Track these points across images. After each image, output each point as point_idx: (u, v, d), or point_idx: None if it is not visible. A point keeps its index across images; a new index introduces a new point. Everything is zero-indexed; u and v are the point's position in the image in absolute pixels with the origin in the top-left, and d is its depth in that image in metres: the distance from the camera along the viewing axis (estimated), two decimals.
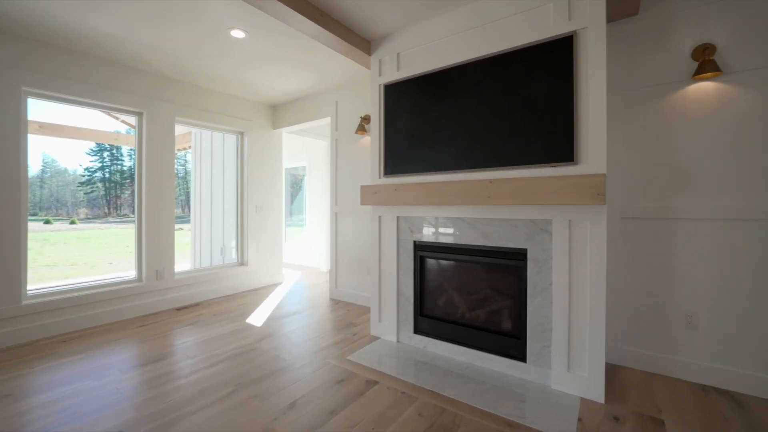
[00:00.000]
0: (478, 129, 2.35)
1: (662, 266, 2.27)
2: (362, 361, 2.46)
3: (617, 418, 1.79)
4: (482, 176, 2.35)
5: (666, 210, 2.25)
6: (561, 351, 2.06)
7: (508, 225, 2.26)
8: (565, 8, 2.06)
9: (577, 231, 2.03)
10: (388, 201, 2.69)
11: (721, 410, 1.85)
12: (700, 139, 2.17)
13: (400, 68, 2.80)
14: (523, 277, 2.22)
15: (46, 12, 2.49)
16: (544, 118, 2.10)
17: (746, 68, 2.05)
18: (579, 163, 2.02)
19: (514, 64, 2.22)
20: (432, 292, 2.69)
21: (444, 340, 2.55)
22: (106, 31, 2.76)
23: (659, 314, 2.27)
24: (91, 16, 2.55)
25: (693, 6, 2.19)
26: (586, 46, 2.01)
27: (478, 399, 1.98)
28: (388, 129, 2.82)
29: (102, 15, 2.53)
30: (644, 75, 2.34)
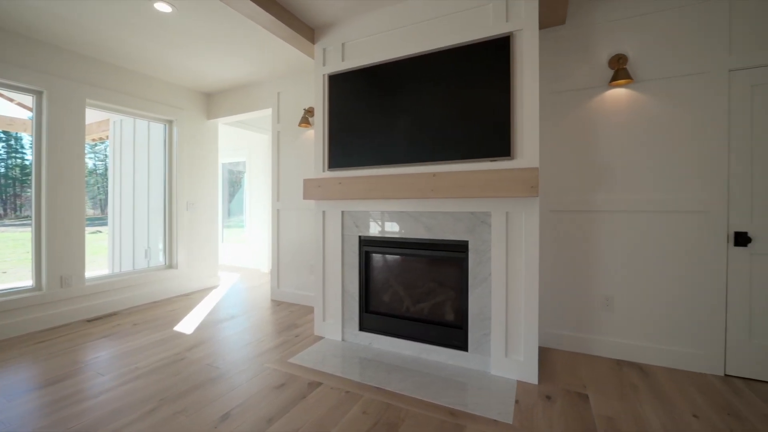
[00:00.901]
0: (422, 123, 2.36)
1: (585, 254, 2.48)
2: (305, 362, 2.34)
3: (549, 397, 1.90)
4: (426, 170, 2.37)
5: (588, 203, 2.47)
6: (499, 338, 2.15)
7: (451, 218, 2.31)
8: (503, 10, 2.15)
9: (513, 222, 2.13)
10: (332, 195, 2.60)
11: (632, 380, 2.07)
12: (615, 140, 2.41)
13: (345, 59, 2.72)
14: (464, 268, 2.28)
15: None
16: (484, 114, 2.17)
17: (651, 78, 2.32)
18: (515, 157, 2.12)
19: (457, 61, 2.26)
20: (378, 287, 2.65)
21: (390, 336, 2.53)
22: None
23: (582, 299, 2.49)
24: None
25: (609, 20, 2.43)
26: (521, 47, 2.11)
27: (422, 391, 1.98)
28: (333, 121, 2.72)
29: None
30: (569, 79, 2.54)
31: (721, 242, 2.13)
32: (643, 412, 1.75)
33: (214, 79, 3.94)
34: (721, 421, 1.68)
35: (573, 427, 1.65)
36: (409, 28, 2.46)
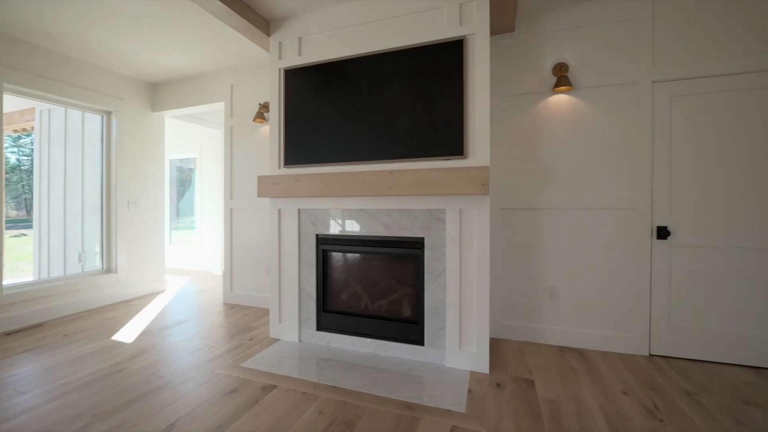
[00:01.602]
0: (380, 122, 2.37)
1: (531, 249, 2.64)
2: (259, 366, 2.26)
3: (499, 385, 2.00)
4: (383, 168, 2.39)
5: (534, 201, 2.63)
6: (453, 331, 2.22)
7: (408, 215, 2.34)
8: (456, 14, 2.23)
9: (466, 219, 2.21)
10: (288, 192, 2.53)
11: (573, 365, 2.23)
12: (558, 142, 2.59)
13: (302, 53, 2.66)
14: (421, 264, 2.32)
15: None
16: (439, 114, 2.23)
17: (588, 86, 2.52)
18: (468, 156, 2.20)
19: (413, 61, 2.30)
20: (336, 286, 2.62)
21: (348, 334, 2.51)
22: None
23: (530, 290, 2.64)
24: None
25: (553, 30, 2.60)
26: (473, 51, 2.20)
27: (379, 387, 1.99)
28: (289, 116, 2.65)
29: None
30: (518, 84, 2.69)
31: (646, 236, 2.37)
32: (582, 393, 1.90)
33: (160, 69, 3.67)
34: (646, 396, 1.87)
35: (520, 411, 1.75)
36: (366, 25, 2.47)
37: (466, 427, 1.63)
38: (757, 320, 2.20)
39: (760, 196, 2.19)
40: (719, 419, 1.67)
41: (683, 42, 2.34)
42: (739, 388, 1.94)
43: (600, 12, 2.49)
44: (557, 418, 1.69)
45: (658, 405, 1.79)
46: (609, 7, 2.47)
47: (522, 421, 1.67)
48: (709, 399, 1.84)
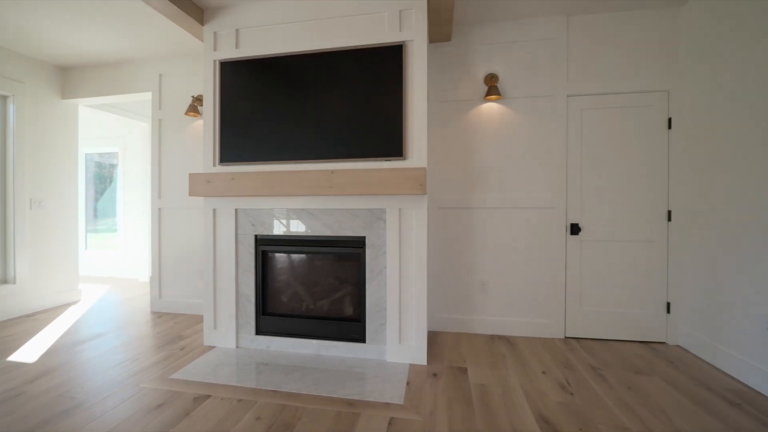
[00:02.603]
0: (321, 120, 2.36)
1: (466, 246, 2.82)
2: (191, 376, 2.11)
3: (436, 375, 2.11)
4: (324, 167, 2.38)
5: (468, 201, 2.81)
6: (394, 327, 2.29)
7: (349, 215, 2.37)
8: (396, 20, 2.30)
9: (405, 218, 2.30)
10: (224, 191, 2.41)
11: (501, 351, 2.44)
12: (489, 147, 2.80)
13: (240, 46, 2.55)
14: (362, 263, 2.36)
15: None
16: (380, 116, 2.29)
17: (515, 96, 2.76)
18: (407, 158, 2.29)
19: (356, 62, 2.33)
20: (276, 288, 2.55)
21: (289, 336, 2.46)
22: None
23: (464, 284, 2.82)
24: None
25: (485, 42, 2.81)
26: (413, 57, 2.29)
27: (320, 387, 1.98)
28: (226, 111, 2.52)
29: None
30: (454, 91, 2.86)
31: (561, 232, 2.67)
32: (508, 376, 2.09)
33: (73, 51, 3.25)
34: (561, 373, 2.11)
35: (453, 397, 1.87)
36: (309, 23, 2.44)
37: (403, 417, 1.70)
38: (646, 302, 2.59)
39: (649, 197, 2.59)
40: (616, 388, 1.94)
41: (591, 62, 2.67)
42: (632, 361, 2.27)
43: (524, 30, 2.75)
44: (486, 400, 1.84)
45: (570, 380, 2.03)
46: (531, 26, 2.73)
47: (454, 407, 1.78)
48: (610, 372, 2.13)
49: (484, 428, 1.62)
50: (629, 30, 2.63)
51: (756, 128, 1.97)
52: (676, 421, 1.66)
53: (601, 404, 1.79)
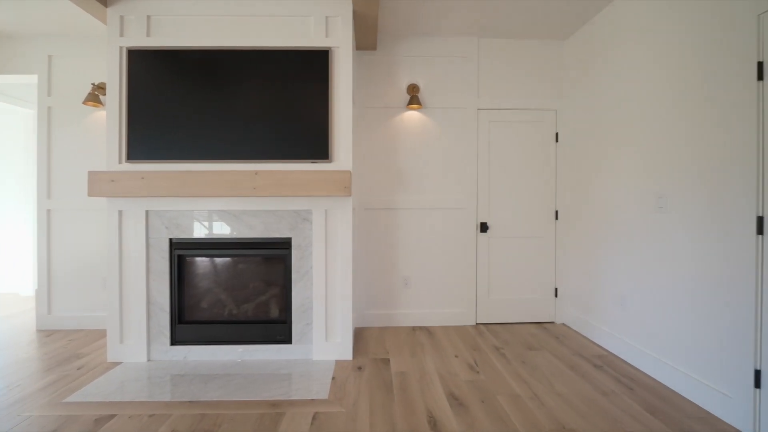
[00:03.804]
0: (245, 120, 2.31)
1: (390, 244, 2.99)
2: (91, 397, 1.91)
3: (360, 368, 2.22)
4: (248, 168, 2.34)
5: (392, 202, 2.99)
6: (320, 326, 2.34)
7: (274, 216, 2.35)
8: (323, 25, 2.36)
9: (331, 220, 2.36)
10: (132, 192, 2.21)
11: (421, 340, 2.65)
12: (411, 152, 3.01)
13: (151, 34, 2.35)
14: (288, 264, 2.37)
15: None
16: (306, 119, 2.32)
17: (434, 106, 3.01)
18: (332, 160, 2.36)
19: (283, 63, 2.32)
20: (194, 294, 2.42)
21: (209, 344, 2.36)
22: None
23: (388, 281, 2.99)
24: None
25: (408, 54, 3.01)
26: (339, 63, 2.37)
27: (243, 392, 1.95)
28: (135, 104, 2.31)
29: None
30: (380, 98, 3.01)
31: (473, 230, 3.00)
32: (425, 362, 2.29)
33: None
34: (470, 355, 2.39)
35: (376, 386, 2.00)
36: (234, 18, 2.36)
37: (327, 411, 1.77)
38: (539, 289, 3.05)
39: (542, 199, 3.05)
40: (513, 363, 2.27)
41: (498, 80, 3.05)
42: (527, 339, 2.66)
43: (442, 46, 3.01)
44: (405, 385, 2.00)
45: (477, 361, 2.30)
46: (449, 43, 3.01)
47: (376, 395, 1.91)
48: (509, 350, 2.47)
49: (402, 410, 1.77)
50: (527, 56, 3.06)
51: (611, 144, 2.47)
52: (556, 384, 2.01)
53: (500, 378, 2.08)
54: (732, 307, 1.68)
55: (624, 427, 1.63)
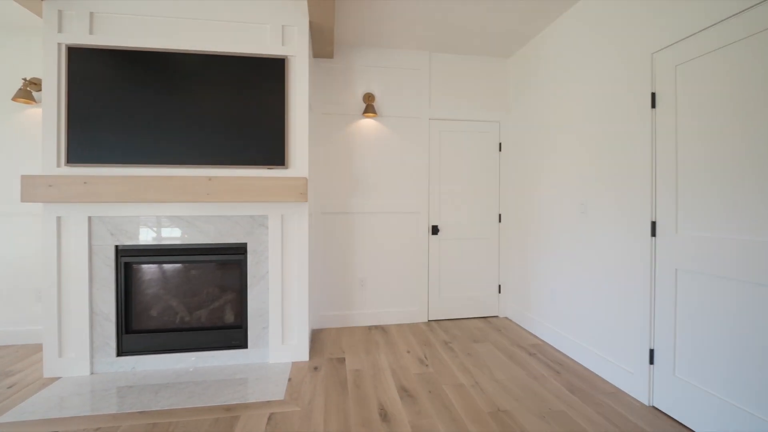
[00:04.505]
0: (199, 125, 2.29)
1: (347, 247, 3.10)
2: (25, 416, 1.81)
3: (316, 368, 2.30)
4: (201, 173, 2.32)
5: (349, 206, 3.10)
6: (276, 329, 2.39)
7: (229, 221, 2.36)
8: (279, 34, 2.40)
9: (287, 224, 2.42)
10: (73, 197, 2.11)
11: (376, 339, 2.79)
12: (367, 158, 3.14)
13: (95, 32, 2.25)
14: (243, 269, 2.38)
15: None
16: (263, 125, 2.35)
17: (389, 115, 3.16)
18: (289, 167, 2.41)
19: (239, 69, 2.33)
20: (143, 302, 2.35)
21: (160, 353, 2.31)
22: None
23: (345, 283, 3.09)
24: None
25: (365, 64, 3.13)
26: (295, 71, 2.43)
27: (196, 399, 1.95)
28: (77, 104, 2.20)
29: None
30: (337, 105, 3.10)
31: (425, 233, 3.19)
32: (379, 359, 2.42)
33: None
34: (421, 350, 2.56)
35: (331, 384, 2.09)
36: (187, 21, 2.33)
37: (283, 411, 1.83)
38: (484, 286, 3.31)
39: (487, 204, 3.31)
40: (459, 355, 2.47)
41: (447, 92, 3.26)
42: (473, 333, 2.90)
43: (397, 58, 3.17)
44: (359, 382, 2.12)
45: (427, 355, 2.48)
46: (402, 56, 3.18)
47: (331, 393, 2.00)
48: (456, 344, 2.68)
49: (355, 405, 1.88)
50: (475, 71, 3.31)
51: (545, 155, 2.77)
52: (495, 372, 2.23)
53: (447, 369, 2.27)
54: (631, 296, 1.99)
55: (549, 406, 1.87)
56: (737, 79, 1.51)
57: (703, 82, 1.65)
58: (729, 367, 1.54)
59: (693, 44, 1.69)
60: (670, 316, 1.79)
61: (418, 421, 1.74)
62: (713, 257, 1.59)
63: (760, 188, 1.43)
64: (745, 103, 1.48)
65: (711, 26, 1.61)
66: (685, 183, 1.73)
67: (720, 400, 1.57)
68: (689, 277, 1.71)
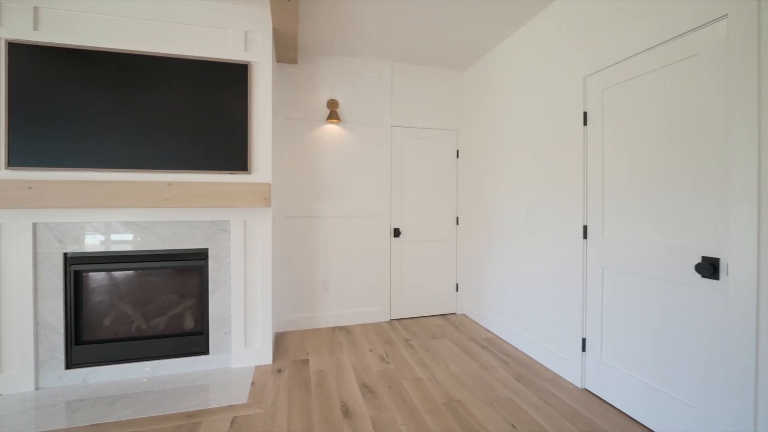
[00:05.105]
0: (158, 129, 2.24)
1: (311, 251, 3.15)
2: None
3: (280, 370, 2.34)
4: (160, 178, 2.28)
5: (313, 210, 3.15)
6: (239, 334, 2.40)
7: (189, 227, 2.33)
8: (242, 39, 2.40)
9: (250, 229, 2.43)
10: (16, 203, 1.99)
11: (339, 339, 2.87)
12: (331, 163, 3.21)
13: (40, 27, 2.13)
14: (204, 275, 2.37)
15: None
16: (225, 130, 2.35)
17: (352, 121, 3.25)
18: (251, 172, 2.43)
19: (202, 73, 2.31)
20: (96, 312, 2.26)
21: (115, 363, 2.23)
22: None
23: (309, 285, 3.14)
24: None
25: (329, 71, 3.19)
26: (258, 77, 2.44)
27: (156, 408, 1.93)
28: (20, 104, 2.07)
29: None
30: (302, 110, 3.14)
31: (387, 235, 3.32)
32: (342, 359, 2.51)
33: None
34: (383, 349, 2.68)
35: (294, 386, 2.15)
36: (145, 21, 2.27)
37: (246, 414, 1.87)
38: (443, 285, 3.51)
39: (446, 207, 3.51)
40: (418, 351, 2.62)
41: (409, 101, 3.41)
42: (432, 329, 3.07)
43: (360, 66, 3.27)
44: (322, 382, 2.19)
45: (389, 353, 2.61)
46: (365, 64, 3.28)
47: (294, 394, 2.06)
48: (416, 341, 2.83)
49: (318, 404, 1.96)
50: (435, 81, 3.48)
51: (497, 162, 3.00)
52: (451, 366, 2.40)
53: (407, 365, 2.41)
54: (567, 292, 2.24)
55: (497, 394, 2.06)
56: (649, 103, 1.78)
57: (624, 104, 1.91)
58: (644, 351, 1.81)
59: (616, 72, 1.95)
60: (598, 308, 2.05)
61: (378, 416, 1.85)
62: (631, 257, 1.86)
63: (668, 199, 1.70)
64: (655, 125, 1.75)
65: (629, 58, 1.87)
66: (611, 193, 1.98)
67: (638, 381, 1.83)
68: (613, 275, 1.97)
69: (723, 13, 1.46)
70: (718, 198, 1.48)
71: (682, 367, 1.63)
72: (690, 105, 1.59)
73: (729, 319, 1.44)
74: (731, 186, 1.43)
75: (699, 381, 1.56)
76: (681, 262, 1.62)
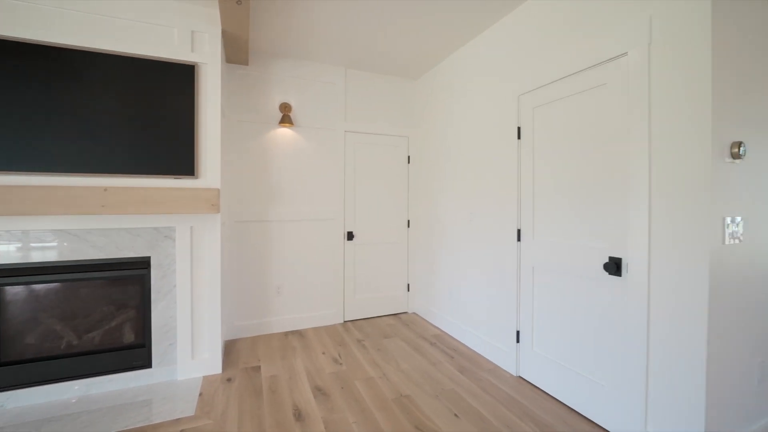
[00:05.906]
0: (93, 130, 2.09)
1: (263, 255, 3.11)
2: None
3: (230, 379, 2.31)
4: (95, 182, 2.13)
5: (265, 214, 3.11)
6: (185, 344, 2.32)
7: (128, 234, 2.21)
8: (188, 40, 2.31)
9: (197, 236, 2.36)
10: None
11: (293, 343, 2.88)
12: (283, 166, 3.19)
13: None
14: (146, 285, 2.25)
15: None
16: (169, 133, 2.24)
17: (305, 125, 3.26)
18: (199, 177, 2.36)
19: (144, 73, 2.19)
20: (17, 329, 2.06)
21: (41, 384, 2.05)
22: None
23: (261, 290, 3.10)
24: None
25: (281, 74, 3.16)
26: (206, 79, 2.37)
27: (90, 429, 1.81)
28: None
29: None
30: (253, 113, 3.08)
31: (340, 239, 3.38)
32: (295, 363, 2.53)
33: None
34: (336, 351, 2.74)
35: (245, 393, 2.13)
36: (81, 15, 2.09)
37: (195, 426, 1.83)
38: (396, 286, 3.65)
39: (398, 211, 3.64)
40: (370, 351, 2.72)
41: (362, 107, 3.49)
42: (384, 329, 3.19)
43: (314, 70, 3.28)
44: (274, 387, 2.20)
45: (342, 354, 2.67)
46: (319, 68, 3.30)
47: (246, 401, 2.05)
48: (369, 341, 2.93)
49: (270, 410, 1.97)
50: (387, 88, 3.60)
51: (445, 169, 3.19)
52: (401, 363, 2.53)
53: (359, 365, 2.49)
54: (504, 289, 2.47)
55: (442, 387, 2.22)
56: (568, 123, 2.03)
57: (549, 122, 2.16)
58: (564, 339, 2.06)
59: (543, 93, 2.20)
60: (529, 303, 2.29)
61: (330, 416, 1.92)
62: (556, 257, 2.11)
63: (584, 206, 1.96)
64: (572, 142, 2.01)
65: (553, 82, 2.12)
66: (540, 199, 2.23)
67: (560, 366, 2.08)
68: (541, 273, 2.22)
69: (624, 50, 1.73)
70: (622, 205, 1.75)
71: (593, 352, 1.90)
72: (600, 126, 1.86)
73: (628, 310, 1.72)
74: (630, 195, 1.70)
75: (607, 363, 1.83)
76: (593, 261, 1.89)
